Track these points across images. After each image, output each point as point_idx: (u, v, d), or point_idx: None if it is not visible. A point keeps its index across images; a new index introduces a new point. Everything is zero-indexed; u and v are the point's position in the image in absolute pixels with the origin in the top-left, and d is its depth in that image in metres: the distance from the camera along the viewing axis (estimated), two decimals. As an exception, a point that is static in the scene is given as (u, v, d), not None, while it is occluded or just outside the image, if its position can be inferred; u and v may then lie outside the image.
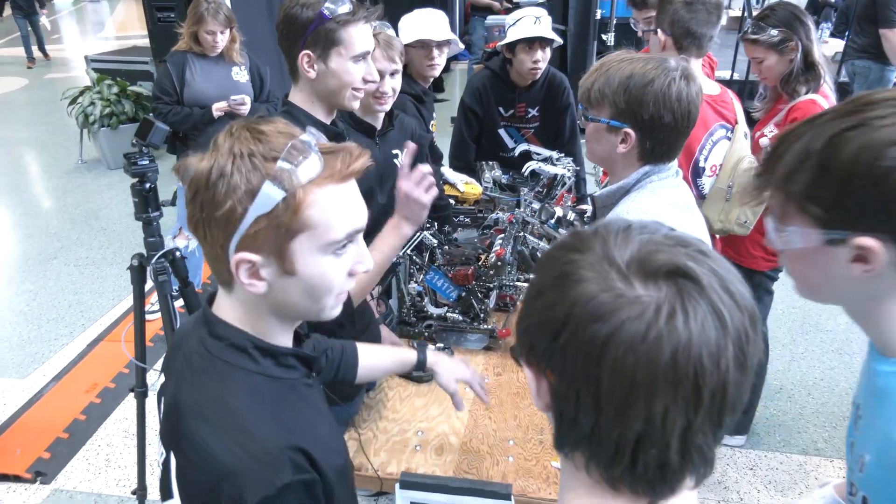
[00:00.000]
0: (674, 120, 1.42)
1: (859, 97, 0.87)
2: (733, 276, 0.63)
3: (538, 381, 0.67)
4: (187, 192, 0.89)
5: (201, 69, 3.60)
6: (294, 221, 0.87)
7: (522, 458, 1.74)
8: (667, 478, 0.63)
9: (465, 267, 2.17)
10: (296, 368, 1.01)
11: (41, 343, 3.86)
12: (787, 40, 2.32)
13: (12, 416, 3.25)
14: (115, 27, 15.94)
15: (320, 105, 1.69)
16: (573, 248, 0.65)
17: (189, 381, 0.96)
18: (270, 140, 0.88)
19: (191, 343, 0.99)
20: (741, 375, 0.61)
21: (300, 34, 1.58)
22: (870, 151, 0.81)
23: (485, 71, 3.10)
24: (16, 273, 4.67)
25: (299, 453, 0.91)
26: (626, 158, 1.51)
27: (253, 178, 0.85)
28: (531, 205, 2.41)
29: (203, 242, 0.92)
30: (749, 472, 2.89)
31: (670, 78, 1.41)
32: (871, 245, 0.83)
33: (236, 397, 0.92)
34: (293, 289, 0.93)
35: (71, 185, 6.29)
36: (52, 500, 2.78)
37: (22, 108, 9.15)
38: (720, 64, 5.81)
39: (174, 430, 0.95)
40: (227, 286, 0.96)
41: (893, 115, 0.82)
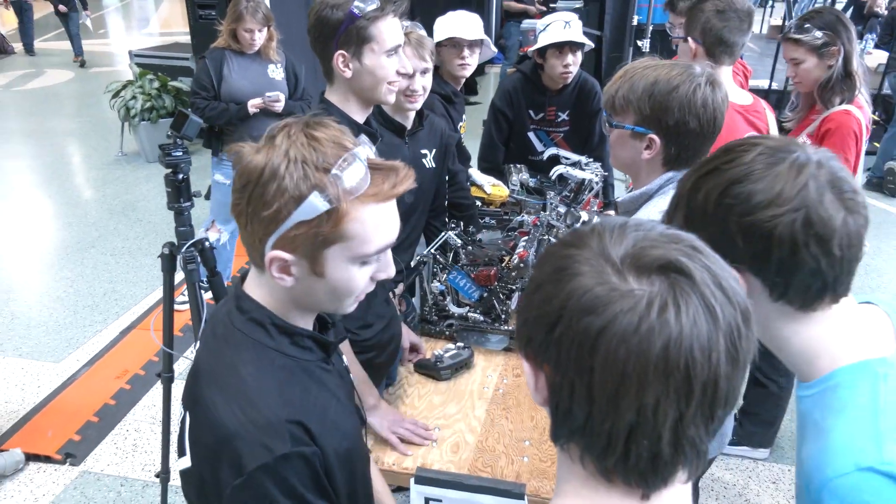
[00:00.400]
0: (699, 125, 1.42)
1: (722, 147, 0.97)
2: (727, 273, 0.64)
3: (536, 376, 0.69)
4: (237, 179, 0.93)
5: (238, 66, 3.67)
6: (333, 232, 0.91)
7: (538, 458, 1.75)
8: (659, 469, 0.64)
9: (488, 268, 2.19)
10: (312, 350, 1.05)
11: (76, 329, 3.98)
12: (830, 45, 2.28)
13: (46, 399, 3.35)
14: (160, 23, 16.28)
15: (357, 103, 1.72)
16: (571, 245, 0.67)
17: (210, 347, 1.02)
18: (324, 149, 0.90)
19: (220, 314, 1.05)
20: (733, 370, 0.62)
21: (332, 35, 1.60)
22: (716, 190, 0.91)
23: (516, 74, 3.11)
24: (55, 260, 4.81)
25: (299, 427, 0.94)
26: (650, 164, 1.51)
27: (302, 186, 0.88)
28: (557, 208, 2.41)
29: (242, 229, 0.96)
30: (772, 485, 2.84)
31: (696, 84, 1.41)
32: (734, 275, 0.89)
33: (247, 368, 0.96)
34: (318, 287, 0.98)
35: (110, 176, 6.46)
36: (80, 482, 2.86)
37: (67, 101, 9.40)
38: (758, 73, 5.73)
39: (191, 391, 1.01)
40: (259, 268, 1.00)
41: (739, 158, 0.91)
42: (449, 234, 2.25)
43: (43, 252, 4.98)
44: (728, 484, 2.86)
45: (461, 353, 2.08)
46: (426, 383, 2.05)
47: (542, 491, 1.65)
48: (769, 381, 2.78)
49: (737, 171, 0.90)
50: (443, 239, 2.26)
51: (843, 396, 0.89)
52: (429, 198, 2.32)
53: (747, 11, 2.13)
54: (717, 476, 2.89)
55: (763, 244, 0.87)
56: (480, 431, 1.85)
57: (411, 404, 1.96)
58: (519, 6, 8.67)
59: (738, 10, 2.10)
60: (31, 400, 3.35)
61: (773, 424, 2.92)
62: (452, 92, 2.80)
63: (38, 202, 5.92)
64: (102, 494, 2.80)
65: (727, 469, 2.93)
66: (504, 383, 2.04)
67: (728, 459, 2.98)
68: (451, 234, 2.25)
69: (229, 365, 0.97)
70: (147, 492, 2.81)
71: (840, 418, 0.88)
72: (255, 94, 3.65)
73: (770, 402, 2.84)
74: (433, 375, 2.06)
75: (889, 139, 6.13)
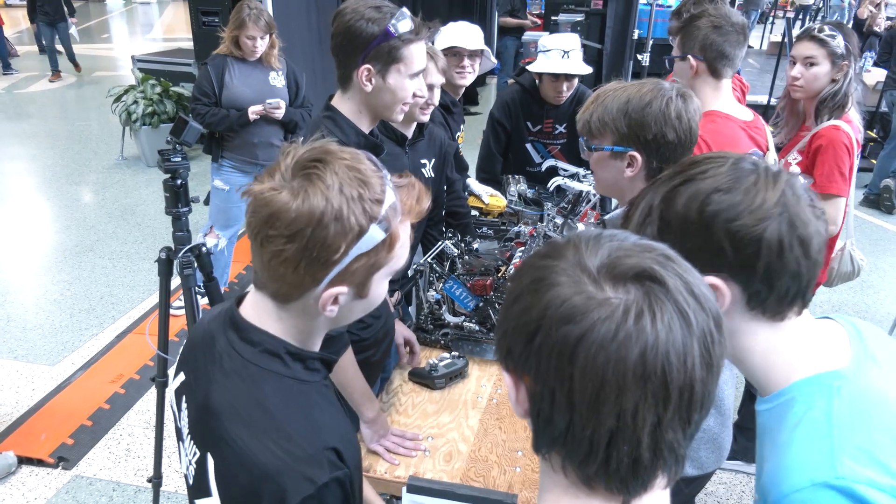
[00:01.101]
0: (677, 136, 1.46)
1: (684, 161, 0.99)
2: (698, 280, 0.67)
3: (517, 387, 0.70)
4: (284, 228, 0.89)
5: (240, 73, 3.69)
6: (386, 258, 0.97)
7: (530, 469, 1.75)
8: (639, 475, 0.65)
9: (484, 277, 2.19)
10: (319, 371, 1.06)
11: (72, 332, 3.97)
12: (845, 58, 2.34)
13: (40, 402, 3.35)
14: (163, 29, 16.36)
15: (367, 115, 1.71)
16: (547, 256, 0.69)
17: (221, 383, 0.98)
18: (371, 183, 0.93)
19: (219, 346, 1.01)
20: (707, 374, 0.64)
21: (362, 48, 1.58)
22: (697, 199, 0.91)
23: (515, 86, 3.13)
24: (52, 263, 4.81)
25: (333, 452, 0.95)
26: (633, 182, 1.53)
27: (363, 221, 0.91)
28: (554, 220, 2.42)
29: (289, 273, 0.93)
30: (765, 501, 2.84)
31: (667, 97, 1.45)
32: (715, 282, 0.90)
33: (271, 401, 0.96)
34: (358, 308, 1.02)
35: (110, 180, 6.47)
36: (73, 486, 2.85)
37: (69, 104, 9.43)
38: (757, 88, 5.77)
39: (210, 431, 0.97)
40: (283, 302, 0.98)
41: (712, 169, 0.93)
42: (446, 244, 2.26)
43: (40, 254, 4.98)
44: (722, 498, 2.86)
45: (456, 363, 2.08)
46: (420, 392, 2.05)
47: (535, 501, 1.65)
48: None
49: (715, 180, 0.92)
50: (440, 248, 2.26)
51: (799, 411, 0.90)
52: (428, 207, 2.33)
53: (742, 24, 2.15)
54: (710, 490, 2.89)
55: (753, 248, 0.89)
56: (473, 441, 1.85)
57: (405, 412, 1.96)
58: (515, 21, 8.76)
59: (734, 23, 2.11)
60: (25, 403, 3.34)
61: (767, 439, 2.92)
62: (451, 101, 2.82)
63: (37, 205, 5.93)
64: (94, 499, 2.79)
65: (721, 483, 2.93)
66: (498, 393, 2.04)
67: (722, 473, 2.98)
68: (447, 243, 2.26)
69: (253, 400, 0.95)
70: (139, 497, 2.80)
71: (795, 433, 0.89)
72: (257, 100, 3.66)
73: (765, 418, 2.84)
74: (427, 384, 2.06)
75: (886, 156, 6.16)
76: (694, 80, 2.15)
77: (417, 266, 2.29)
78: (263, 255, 0.93)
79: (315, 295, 0.95)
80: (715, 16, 2.11)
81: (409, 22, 1.62)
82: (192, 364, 1.06)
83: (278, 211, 0.89)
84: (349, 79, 1.66)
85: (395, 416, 1.94)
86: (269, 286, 0.97)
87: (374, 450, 1.80)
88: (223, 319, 1.04)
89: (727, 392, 1.65)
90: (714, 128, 2.10)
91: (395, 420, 1.92)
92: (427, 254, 2.31)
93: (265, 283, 0.97)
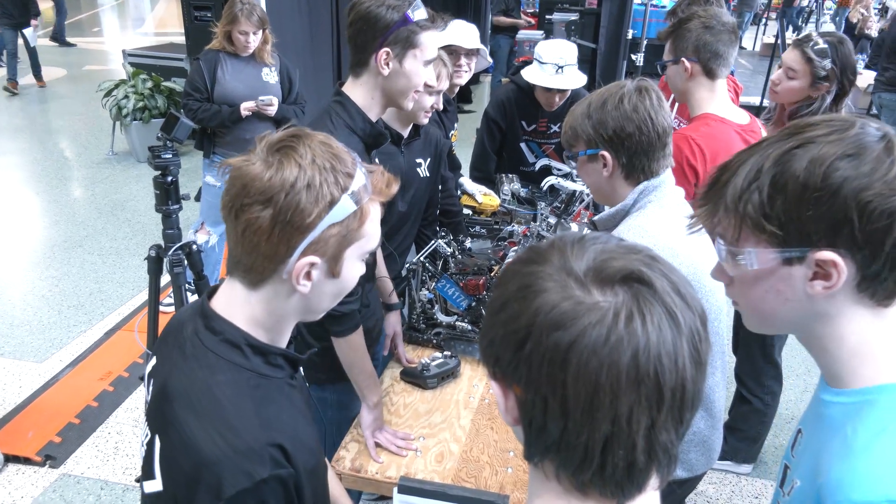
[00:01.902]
0: (637, 130, 1.49)
1: (795, 123, 0.90)
2: (683, 280, 0.67)
3: (505, 396, 0.69)
4: (255, 194, 0.93)
5: (232, 68, 3.66)
6: (357, 231, 0.99)
7: (522, 469, 1.75)
8: (634, 477, 0.65)
9: (477, 277, 2.18)
10: (282, 368, 1.05)
11: (60, 329, 3.94)
12: (828, 81, 2.30)
13: (27, 399, 3.31)
14: (155, 23, 16.24)
15: (379, 101, 1.74)
16: (532, 261, 0.68)
17: (180, 368, 1.00)
18: (343, 158, 0.98)
19: (186, 332, 1.03)
20: (697, 372, 0.64)
21: (382, 32, 1.63)
22: (820, 164, 0.82)
23: (510, 85, 3.12)
24: (41, 258, 4.77)
25: (278, 449, 0.95)
26: (614, 182, 1.57)
27: (335, 190, 0.95)
28: (547, 219, 2.41)
29: (263, 241, 0.95)
30: (755, 500, 2.85)
31: (621, 94, 1.50)
32: (833, 258, 0.83)
33: (223, 391, 0.96)
34: (328, 289, 1.03)
35: (100, 175, 6.42)
36: (60, 485, 2.82)
37: (58, 99, 9.35)
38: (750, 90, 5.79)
39: (162, 414, 0.99)
40: (254, 284, 1.00)
41: (835, 133, 0.84)
42: (439, 243, 2.25)
43: (29, 250, 4.94)
44: (711, 498, 2.86)
45: (448, 362, 2.07)
46: (412, 392, 2.04)
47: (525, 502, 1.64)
48: (754, 398, 2.78)
49: (840, 146, 0.82)
50: (432, 247, 2.25)
51: (884, 418, 0.84)
52: (422, 206, 2.32)
53: (732, 24, 2.15)
54: (700, 490, 2.90)
55: (884, 221, 0.81)
56: (465, 441, 1.84)
57: (396, 412, 1.95)
58: (508, 20, 8.77)
59: (725, 23, 2.11)
60: (12, 400, 3.31)
61: (757, 441, 2.93)
62: (446, 100, 2.81)
63: (25, 199, 5.88)
64: (82, 498, 2.76)
65: (710, 483, 2.93)
66: (490, 393, 2.04)
67: (711, 474, 2.98)
68: (440, 242, 2.25)
69: (204, 388, 0.96)
70: (127, 496, 2.78)
71: (877, 441, 0.83)
72: (249, 96, 3.64)
73: (755, 419, 2.84)
74: (419, 384, 2.05)
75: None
76: (689, 82, 2.15)
77: (410, 265, 2.28)
78: (238, 227, 0.95)
79: (288, 268, 0.96)
80: (705, 17, 2.11)
81: (424, 11, 1.69)
82: (162, 348, 1.08)
83: (252, 179, 0.93)
84: (365, 63, 1.69)
85: (387, 416, 1.93)
86: (243, 262, 0.98)
87: (365, 437, 1.80)
88: (195, 308, 1.07)
89: (718, 394, 1.65)
90: (708, 131, 2.09)
91: (386, 420, 1.90)
92: (420, 253, 2.30)
93: (239, 259, 0.98)
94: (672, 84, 2.22)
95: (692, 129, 2.11)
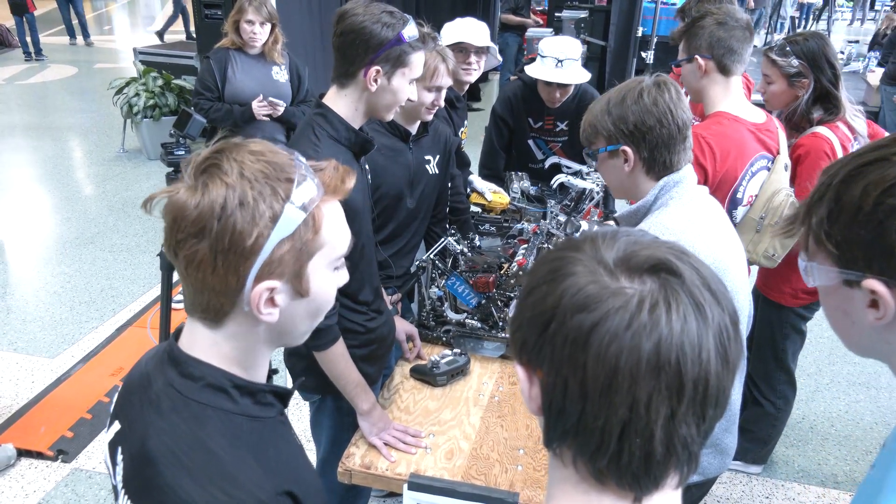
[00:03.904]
0: (658, 123, 1.48)
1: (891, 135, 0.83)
2: (714, 276, 0.66)
3: (530, 382, 0.70)
4: (186, 227, 0.83)
5: (242, 66, 3.67)
6: (314, 240, 0.87)
7: (531, 467, 1.75)
8: (651, 470, 0.64)
9: (487, 275, 2.18)
10: (273, 406, 0.96)
11: (72, 325, 3.97)
12: (802, 76, 2.31)
13: (39, 394, 3.34)
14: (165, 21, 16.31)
15: (362, 113, 1.75)
16: (565, 249, 0.69)
17: (157, 426, 0.87)
18: (279, 163, 0.85)
19: (155, 387, 0.91)
20: (723, 369, 0.63)
21: (375, 50, 1.63)
22: (878, 186, 0.76)
23: (517, 81, 3.12)
24: (53, 255, 4.80)
25: (288, 497, 0.88)
26: (635, 178, 1.56)
27: (274, 203, 0.83)
28: (557, 217, 2.41)
29: (205, 279, 0.85)
30: (765, 500, 2.84)
31: (640, 88, 1.50)
32: (876, 287, 0.78)
33: (217, 441, 0.86)
34: (300, 311, 0.92)
35: (111, 172, 6.45)
36: (71, 479, 2.84)
37: (70, 96, 9.41)
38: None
39: (143, 481, 0.86)
40: (215, 321, 0.89)
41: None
42: (448, 240, 2.25)
43: (41, 247, 4.97)
44: (721, 498, 2.85)
45: (457, 360, 2.08)
46: (422, 389, 2.05)
47: (536, 500, 1.64)
48: (766, 402, 2.77)
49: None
50: (442, 244, 2.26)
51: None
52: (431, 203, 2.32)
53: (746, 20, 2.14)
54: (710, 490, 2.88)
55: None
56: (475, 439, 1.84)
57: (406, 410, 1.96)
58: (516, 19, 8.77)
59: (739, 19, 2.10)
60: (25, 395, 3.34)
61: (768, 443, 2.91)
62: (455, 97, 2.81)
63: (37, 197, 5.92)
64: (94, 492, 2.78)
65: (720, 483, 2.92)
66: (500, 391, 2.04)
67: (722, 473, 2.97)
68: (450, 239, 2.25)
69: (192, 443, 0.85)
70: (138, 490, 2.80)
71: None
72: (259, 95, 3.66)
73: (766, 422, 2.83)
74: (429, 381, 2.06)
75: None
76: (703, 80, 2.14)
77: (420, 262, 2.28)
78: (180, 265, 0.85)
79: (245, 299, 0.85)
80: (718, 14, 2.11)
81: (415, 29, 1.70)
82: (127, 410, 0.94)
83: (180, 211, 0.83)
84: (352, 76, 1.68)
85: (397, 414, 1.93)
86: (198, 302, 0.88)
87: (372, 443, 1.80)
88: (160, 357, 0.94)
89: (734, 396, 1.64)
90: (720, 129, 2.08)
91: (396, 417, 1.91)
92: (430, 250, 2.31)
93: (192, 300, 0.88)
94: (687, 83, 2.21)
95: (704, 126, 2.10)
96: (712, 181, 2.04)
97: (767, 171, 2.18)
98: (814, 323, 2.84)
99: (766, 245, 2.23)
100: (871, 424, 3.29)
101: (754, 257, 2.24)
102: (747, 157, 2.10)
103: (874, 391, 3.54)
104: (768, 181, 2.17)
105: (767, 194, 2.17)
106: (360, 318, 1.84)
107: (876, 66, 7.89)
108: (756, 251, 2.23)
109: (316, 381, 1.82)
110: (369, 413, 1.81)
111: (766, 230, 2.19)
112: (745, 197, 2.15)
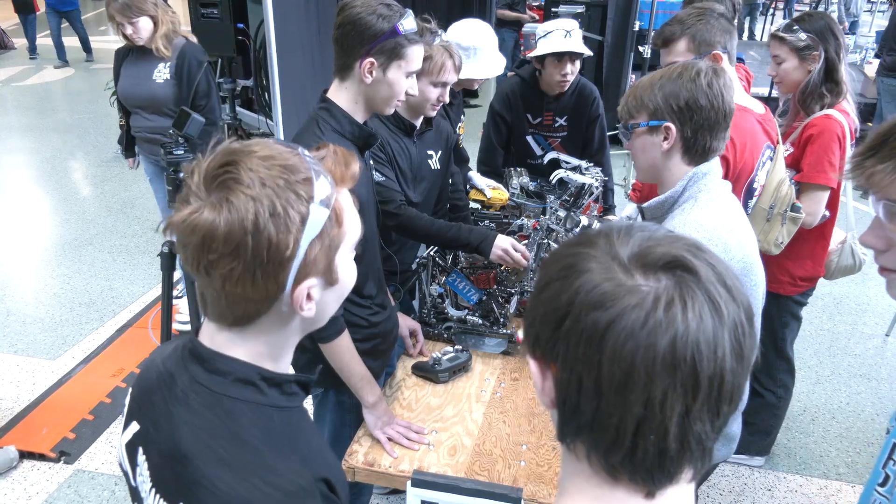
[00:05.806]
0: (709, 103, 1.48)
1: None
2: (729, 272, 0.66)
3: (543, 376, 0.69)
4: (221, 246, 0.82)
5: (127, 64, 3.35)
6: (339, 233, 0.90)
7: (535, 463, 1.75)
8: (665, 466, 0.64)
9: (487, 271, 2.18)
10: (297, 395, 0.98)
11: (72, 326, 3.96)
12: (812, 49, 2.33)
13: (41, 396, 3.34)
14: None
15: (362, 106, 1.75)
16: (579, 244, 0.69)
17: (189, 423, 0.88)
18: (293, 164, 0.85)
19: (181, 384, 0.91)
20: (738, 366, 0.63)
21: (370, 41, 1.63)
22: None
23: (515, 78, 3.12)
24: (52, 256, 4.80)
25: (324, 483, 0.90)
26: (669, 158, 1.55)
27: (301, 206, 0.83)
28: (557, 212, 2.41)
29: (248, 289, 0.85)
30: (767, 492, 2.84)
31: (696, 69, 1.50)
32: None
33: (252, 433, 0.88)
34: (332, 298, 0.95)
35: (109, 173, 6.44)
36: (74, 480, 2.84)
37: (67, 97, 9.39)
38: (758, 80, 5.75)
39: (178, 478, 0.87)
40: (245, 322, 0.90)
41: None
42: (448, 237, 2.25)
43: (40, 248, 4.97)
44: (724, 490, 2.86)
45: (459, 356, 2.08)
46: (424, 386, 2.05)
47: (539, 495, 1.64)
48: (767, 392, 2.77)
49: None
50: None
51: None
52: (433, 198, 2.33)
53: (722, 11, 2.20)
54: (712, 482, 2.89)
55: None
56: (478, 435, 1.85)
57: (408, 407, 1.96)
58: (513, 15, 8.76)
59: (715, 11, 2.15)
60: (26, 397, 3.34)
61: (770, 434, 2.92)
62: (451, 93, 2.80)
63: (35, 198, 5.91)
64: (97, 493, 2.79)
65: (723, 475, 2.93)
66: (502, 387, 2.04)
67: (724, 466, 2.98)
68: (450, 236, 2.25)
69: (230, 436, 0.86)
70: (141, 491, 2.80)
71: None
72: (137, 97, 3.31)
73: (767, 412, 2.83)
74: (431, 378, 2.06)
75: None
76: None
77: (420, 259, 2.28)
78: (215, 284, 0.84)
79: (285, 301, 0.87)
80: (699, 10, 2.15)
81: (414, 21, 1.69)
82: (148, 410, 0.93)
83: (208, 232, 0.81)
84: (349, 68, 1.69)
85: (399, 411, 1.93)
86: (232, 312, 0.88)
87: (376, 437, 1.80)
88: (181, 355, 0.94)
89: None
90: (735, 121, 2.09)
91: (398, 414, 1.91)
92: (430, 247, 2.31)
93: (223, 311, 0.88)
94: None
95: None
96: (733, 172, 2.05)
97: (771, 160, 2.20)
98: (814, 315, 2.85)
99: (776, 233, 2.26)
100: (872, 416, 3.29)
101: (765, 246, 2.27)
102: (759, 147, 2.13)
103: (875, 382, 3.54)
104: (773, 170, 2.20)
105: (774, 183, 2.20)
106: (363, 311, 1.84)
107: (873, 56, 7.88)
108: (767, 240, 2.27)
109: (319, 374, 1.83)
110: (375, 406, 1.81)
111: (776, 219, 2.22)
112: (757, 187, 2.17)
